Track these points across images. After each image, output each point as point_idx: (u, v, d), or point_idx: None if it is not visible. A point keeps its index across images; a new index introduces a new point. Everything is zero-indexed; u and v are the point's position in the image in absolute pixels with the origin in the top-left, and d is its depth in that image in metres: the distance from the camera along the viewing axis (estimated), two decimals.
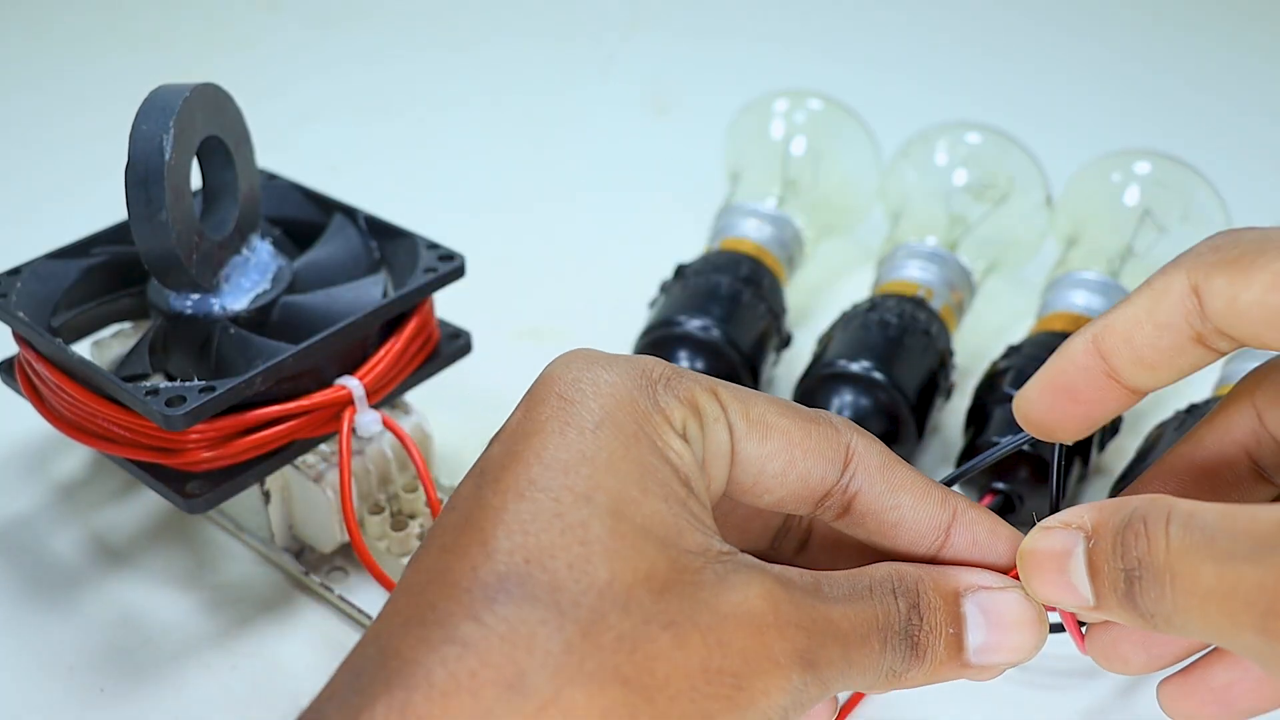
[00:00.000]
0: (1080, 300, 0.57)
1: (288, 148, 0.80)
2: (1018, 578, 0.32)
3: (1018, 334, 0.63)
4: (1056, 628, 0.37)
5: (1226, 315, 0.28)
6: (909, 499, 0.32)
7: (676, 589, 0.28)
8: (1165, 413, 0.54)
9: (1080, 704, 0.45)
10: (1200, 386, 0.58)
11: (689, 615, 0.28)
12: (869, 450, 0.33)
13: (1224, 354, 0.30)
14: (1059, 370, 0.31)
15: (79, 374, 0.45)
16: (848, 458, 0.32)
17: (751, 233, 0.61)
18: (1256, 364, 0.39)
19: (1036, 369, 0.51)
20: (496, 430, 0.31)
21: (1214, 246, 0.29)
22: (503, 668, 0.26)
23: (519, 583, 0.27)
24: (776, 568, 0.30)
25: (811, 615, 0.29)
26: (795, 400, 0.54)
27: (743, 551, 0.30)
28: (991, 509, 0.48)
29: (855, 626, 0.30)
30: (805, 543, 0.36)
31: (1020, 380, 0.51)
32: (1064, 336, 0.53)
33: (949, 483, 0.34)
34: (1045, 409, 0.32)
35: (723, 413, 0.31)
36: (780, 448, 0.32)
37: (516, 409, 0.31)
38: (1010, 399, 0.51)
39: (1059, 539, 0.30)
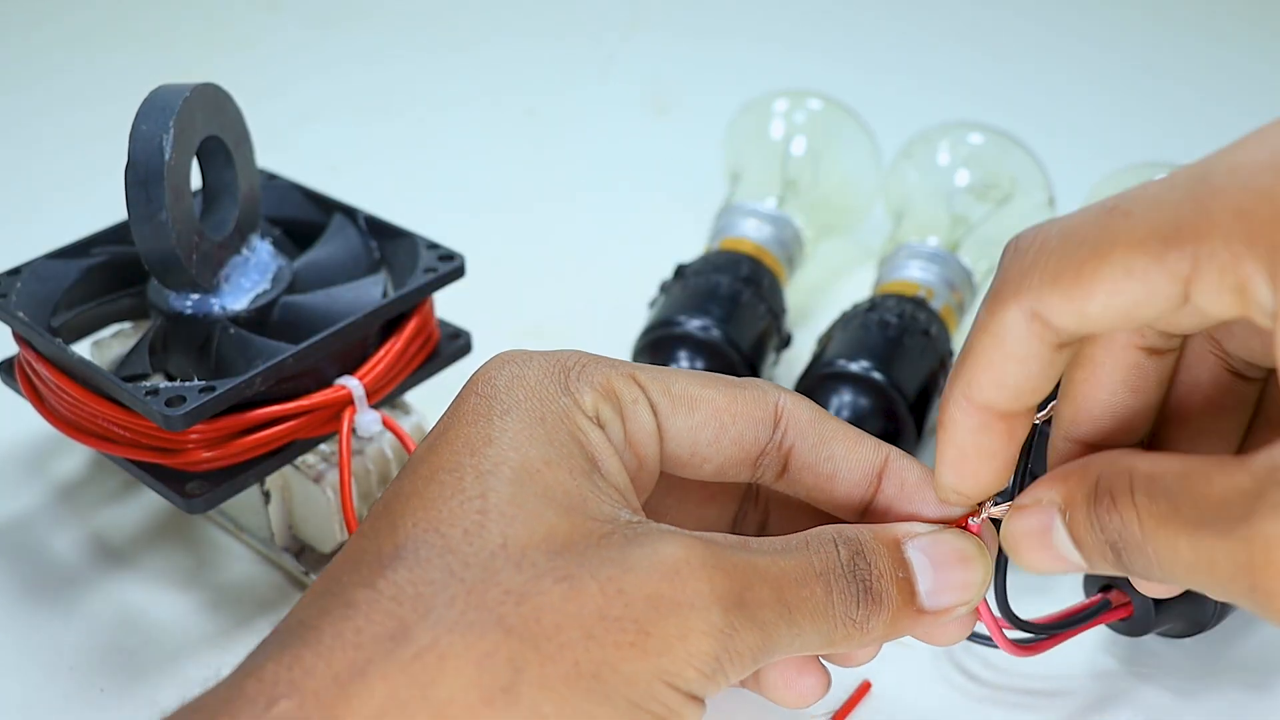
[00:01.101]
0: None
1: (288, 148, 0.79)
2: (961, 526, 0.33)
3: None
4: (982, 639, 0.38)
5: (1082, 325, 0.28)
6: (841, 448, 0.34)
7: (578, 548, 0.28)
8: None
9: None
10: None
11: (588, 569, 0.28)
12: (798, 407, 0.34)
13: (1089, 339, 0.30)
14: (956, 445, 0.31)
15: (79, 374, 0.45)
16: (777, 416, 0.33)
17: (751, 233, 0.61)
18: None
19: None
20: None
21: (1024, 268, 0.28)
22: (386, 623, 0.27)
23: (413, 549, 0.28)
24: (698, 532, 0.30)
25: (733, 560, 0.29)
26: None
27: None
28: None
29: (786, 571, 0.30)
30: (764, 525, 0.37)
31: None
32: None
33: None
34: (972, 482, 0.31)
35: (642, 393, 0.32)
36: (708, 416, 0.33)
37: (444, 413, 0.33)
38: None
39: (1034, 518, 0.30)
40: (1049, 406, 0.34)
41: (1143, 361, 0.31)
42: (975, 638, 0.44)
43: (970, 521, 0.33)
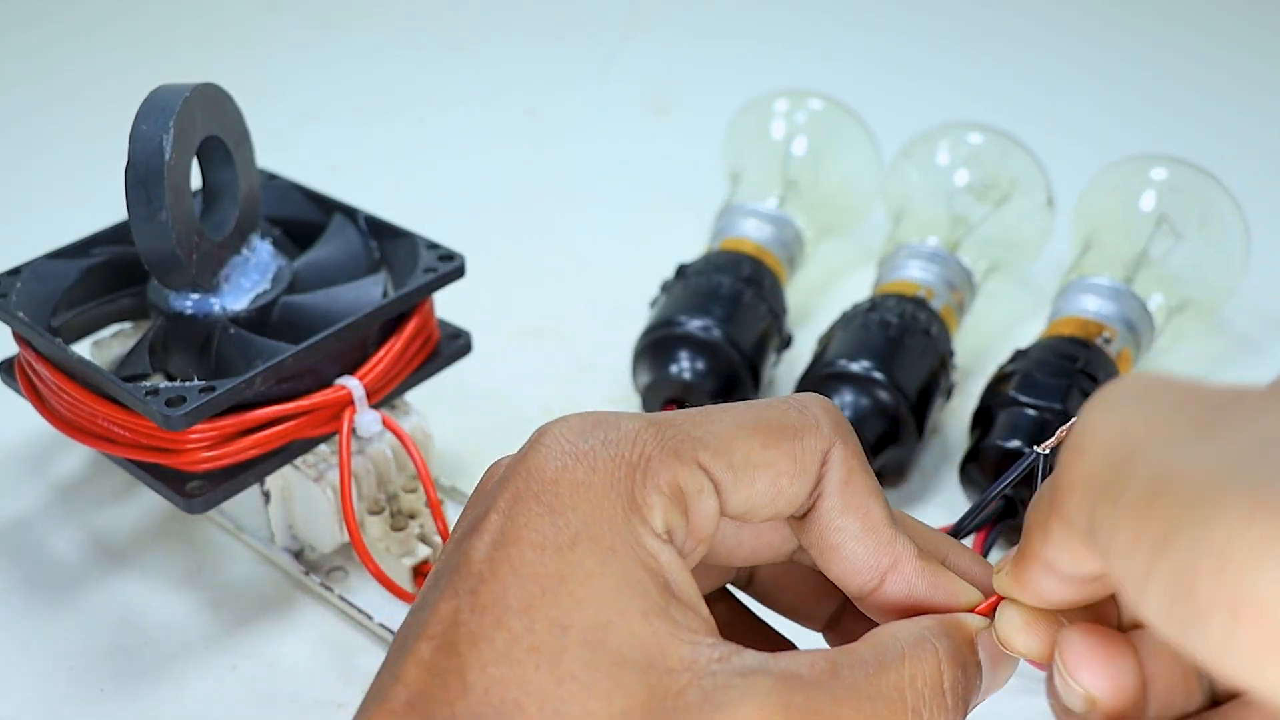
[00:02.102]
0: (1092, 305, 0.56)
1: (288, 148, 0.80)
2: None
3: (1019, 334, 0.63)
4: None
5: (1075, 572, 0.28)
6: (856, 525, 0.32)
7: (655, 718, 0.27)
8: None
9: None
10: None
11: None
12: (841, 463, 0.32)
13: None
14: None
15: (79, 374, 0.45)
16: (821, 473, 0.32)
17: (752, 233, 0.61)
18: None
19: (1043, 374, 0.52)
20: (478, 498, 0.31)
21: (1025, 529, 0.28)
22: None
23: None
24: (783, 662, 0.28)
25: None
26: None
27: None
28: (994, 514, 0.49)
29: (875, 718, 0.28)
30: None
31: (1026, 384, 0.51)
32: (1073, 341, 0.54)
33: (956, 533, 0.34)
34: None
35: (707, 479, 0.31)
36: (768, 483, 0.31)
37: (499, 495, 0.30)
38: (1016, 402, 0.51)
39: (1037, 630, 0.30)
40: (1057, 435, 0.34)
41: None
42: None
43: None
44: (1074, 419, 0.37)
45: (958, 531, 0.34)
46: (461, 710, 0.27)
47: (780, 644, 0.36)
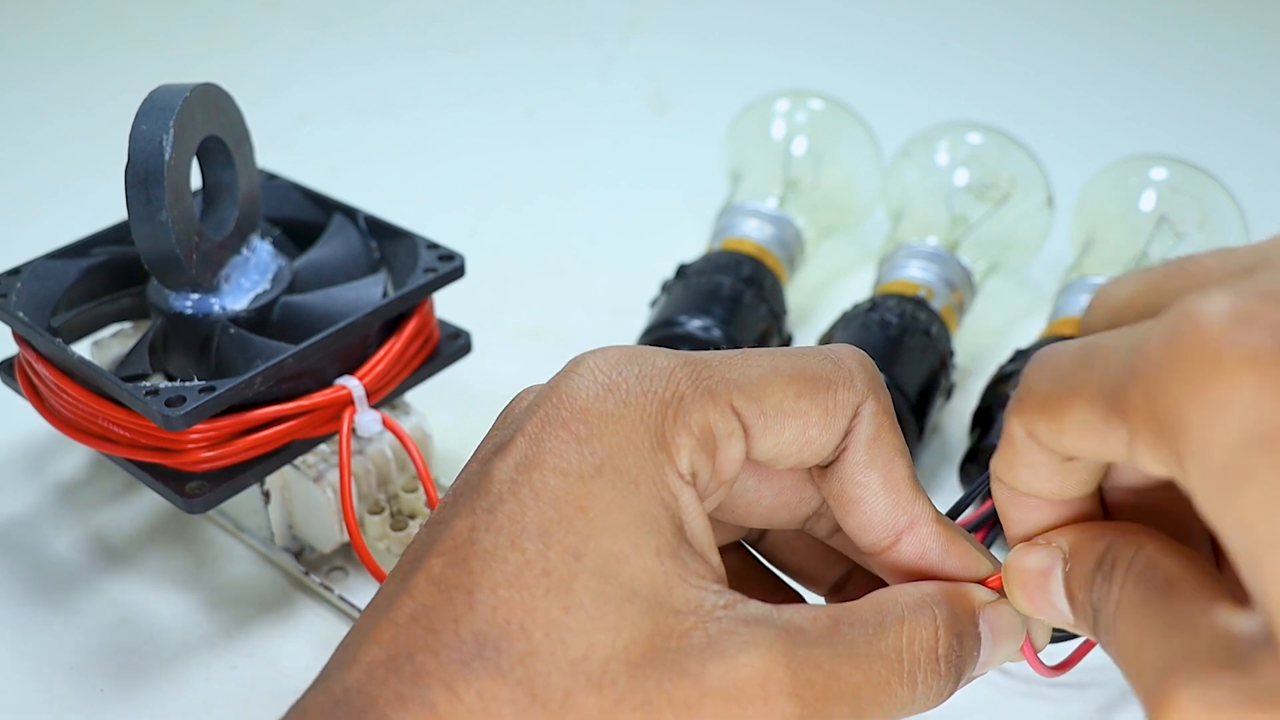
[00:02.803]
0: None
1: (288, 148, 0.80)
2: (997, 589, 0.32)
3: (1019, 334, 0.63)
4: None
5: (1067, 450, 0.28)
6: (877, 481, 0.32)
7: (657, 659, 0.27)
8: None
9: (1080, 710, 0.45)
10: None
11: (666, 691, 0.27)
12: (871, 419, 0.32)
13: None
14: (1008, 512, 0.31)
15: (79, 374, 0.45)
16: (852, 422, 0.32)
17: (753, 233, 0.61)
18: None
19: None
20: (505, 420, 0.31)
21: (1029, 386, 0.28)
22: None
23: (495, 649, 0.27)
24: (786, 614, 0.29)
25: (812, 678, 0.28)
26: None
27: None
28: (991, 514, 0.49)
29: (870, 677, 0.29)
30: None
31: None
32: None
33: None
34: (1036, 517, 0.31)
35: (738, 423, 0.31)
36: (797, 432, 0.31)
37: (528, 419, 0.30)
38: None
39: (1040, 557, 0.30)
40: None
41: (1061, 464, 0.30)
42: None
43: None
44: None
45: (951, 518, 0.34)
46: (466, 628, 0.27)
47: (788, 596, 0.36)
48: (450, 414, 0.55)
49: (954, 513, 0.35)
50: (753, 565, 0.37)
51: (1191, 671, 0.24)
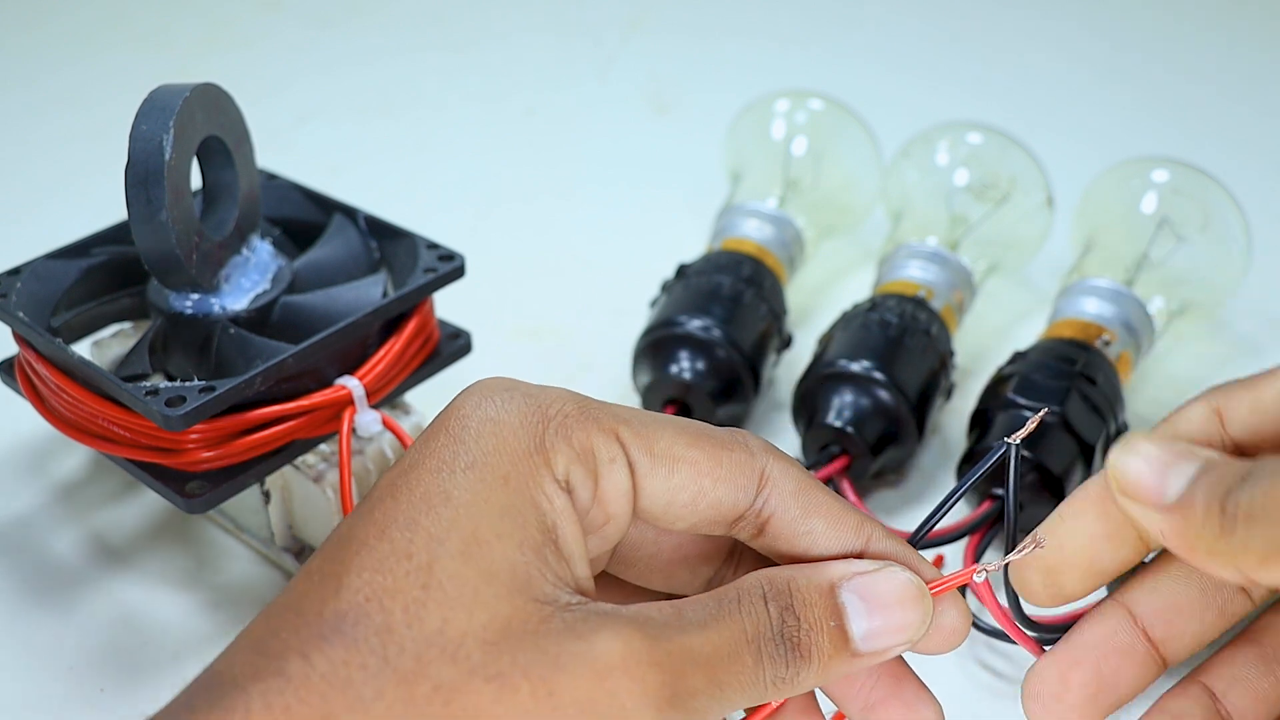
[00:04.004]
0: (1092, 308, 0.56)
1: (288, 148, 0.80)
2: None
3: (1018, 334, 0.63)
4: (996, 633, 0.37)
5: (1252, 418, 0.31)
6: (822, 524, 0.33)
7: (513, 639, 0.28)
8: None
9: None
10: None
11: (521, 665, 0.28)
12: (785, 475, 0.33)
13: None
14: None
15: (79, 374, 0.45)
16: (761, 482, 0.32)
17: (753, 233, 0.61)
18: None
19: (1042, 376, 0.52)
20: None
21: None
22: (316, 708, 0.27)
23: (353, 622, 0.28)
24: (633, 609, 0.30)
25: (668, 649, 0.29)
26: (795, 400, 0.54)
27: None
28: (990, 515, 0.49)
29: (719, 647, 0.29)
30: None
31: (1025, 387, 0.51)
32: (1072, 343, 0.54)
33: (935, 517, 0.34)
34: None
35: (622, 452, 0.32)
36: (688, 479, 0.32)
37: (420, 436, 0.32)
38: (1014, 405, 0.51)
39: (1176, 450, 0.29)
40: (1027, 425, 0.34)
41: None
42: (996, 634, 0.45)
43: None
44: (1043, 409, 0.37)
45: (933, 517, 0.34)
46: (330, 609, 0.28)
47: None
48: None
49: (934, 515, 0.34)
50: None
51: None
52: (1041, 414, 0.35)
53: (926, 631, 0.32)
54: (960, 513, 0.50)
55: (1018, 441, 0.33)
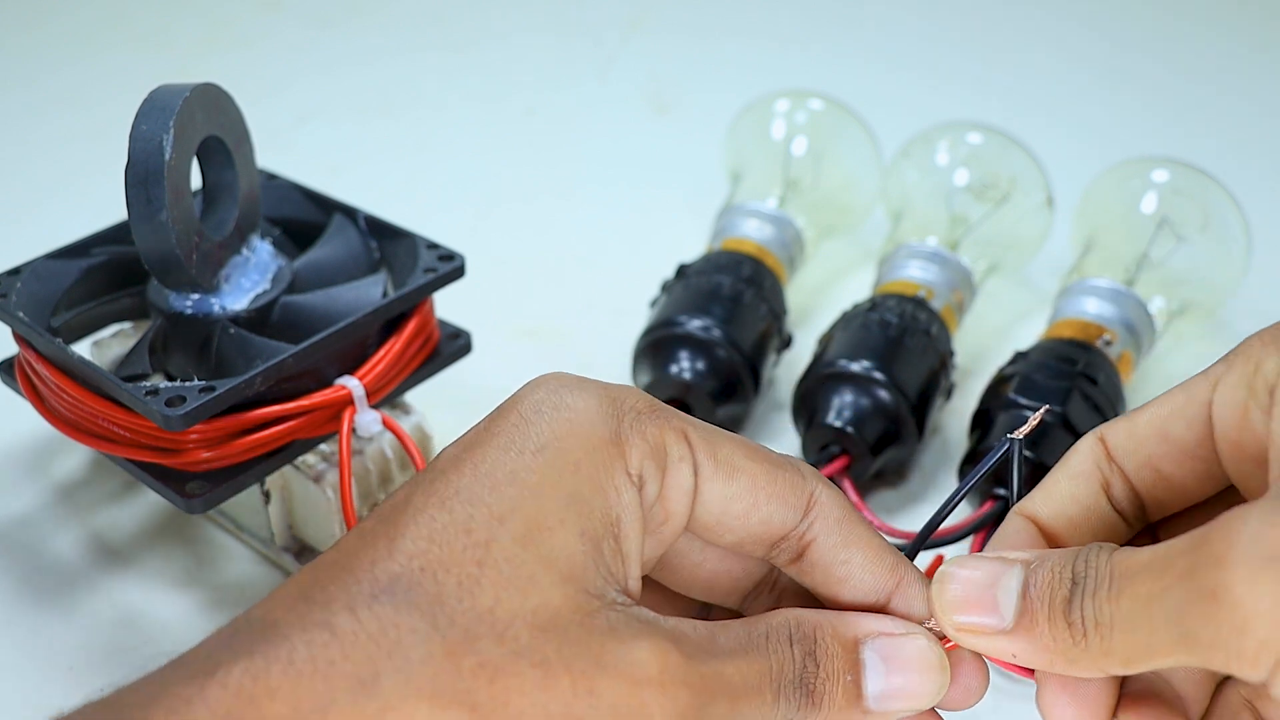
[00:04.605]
0: (1092, 308, 0.56)
1: (288, 148, 0.80)
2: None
3: (1018, 334, 0.63)
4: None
5: (1127, 442, 0.32)
6: (860, 557, 0.33)
7: (561, 629, 0.28)
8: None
9: None
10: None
11: (565, 658, 0.28)
12: (831, 502, 0.33)
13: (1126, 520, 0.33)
14: (998, 540, 0.33)
15: (79, 374, 0.45)
16: (809, 505, 0.33)
17: (753, 233, 0.61)
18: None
19: (1043, 376, 0.52)
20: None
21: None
22: (361, 664, 0.27)
23: (406, 588, 0.28)
24: (671, 622, 0.30)
25: (701, 672, 0.29)
26: (796, 400, 0.54)
27: (706, 608, 0.31)
28: (993, 514, 0.49)
29: (746, 678, 0.30)
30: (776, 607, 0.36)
31: (1026, 387, 0.51)
32: (1073, 344, 0.54)
33: (940, 516, 0.34)
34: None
35: (689, 452, 0.32)
36: (745, 489, 0.32)
37: (487, 416, 0.32)
38: (1015, 405, 0.51)
39: (991, 566, 0.31)
40: (1030, 422, 0.34)
41: (1098, 488, 0.33)
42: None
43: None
44: (1043, 407, 0.38)
45: (939, 517, 0.34)
46: (381, 569, 0.28)
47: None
48: (450, 414, 0.54)
49: (941, 514, 0.34)
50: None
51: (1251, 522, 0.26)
52: (1043, 410, 0.35)
53: (940, 698, 0.32)
54: (963, 512, 0.50)
55: (1020, 438, 0.33)
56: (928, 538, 0.35)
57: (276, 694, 0.26)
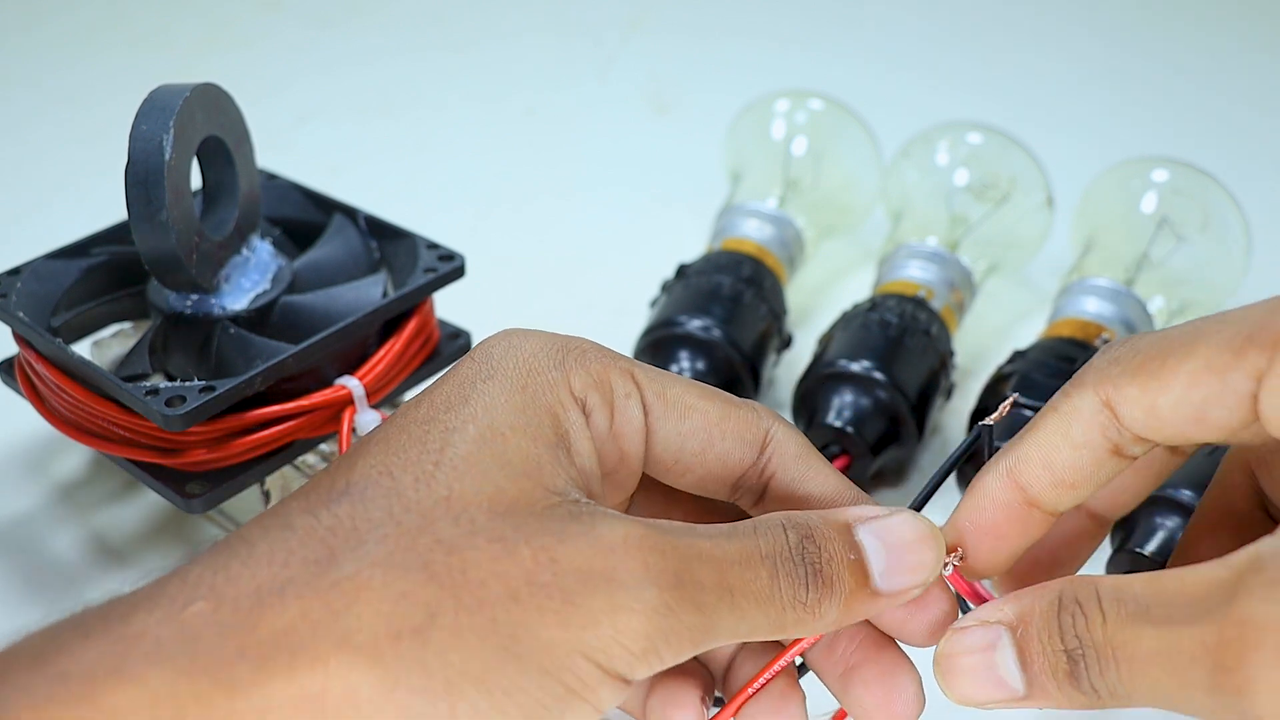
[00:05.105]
0: (1092, 307, 0.56)
1: (288, 148, 0.80)
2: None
3: (1018, 334, 0.63)
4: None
5: (1148, 422, 0.29)
6: (819, 489, 0.33)
7: (519, 514, 0.29)
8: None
9: None
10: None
11: (524, 532, 0.28)
12: (788, 438, 0.34)
13: (1136, 458, 0.31)
14: (977, 509, 0.32)
15: (79, 374, 0.45)
16: (765, 441, 0.33)
17: (753, 233, 0.61)
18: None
19: (1041, 375, 0.52)
20: None
21: (1113, 359, 0.30)
22: (316, 549, 0.28)
23: (361, 487, 0.29)
24: (645, 519, 0.30)
25: (673, 542, 0.29)
26: (795, 402, 0.54)
27: None
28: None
29: (730, 553, 0.29)
30: None
31: (1024, 385, 0.51)
32: (1072, 342, 0.54)
33: (919, 505, 0.34)
34: (973, 552, 0.32)
35: (636, 390, 0.33)
36: (699, 426, 0.33)
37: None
38: (1014, 404, 0.51)
39: (979, 635, 0.30)
40: (999, 410, 0.34)
41: (1106, 455, 0.31)
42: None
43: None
44: (1015, 394, 0.38)
45: (916, 507, 0.34)
46: (340, 480, 0.29)
47: None
48: None
49: (919, 506, 0.34)
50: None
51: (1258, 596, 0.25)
52: (1011, 399, 0.35)
53: (936, 573, 0.32)
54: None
55: (991, 424, 0.34)
56: (928, 498, 0.35)
57: (235, 580, 0.27)
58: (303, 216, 0.54)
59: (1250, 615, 0.25)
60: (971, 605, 0.34)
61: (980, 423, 0.34)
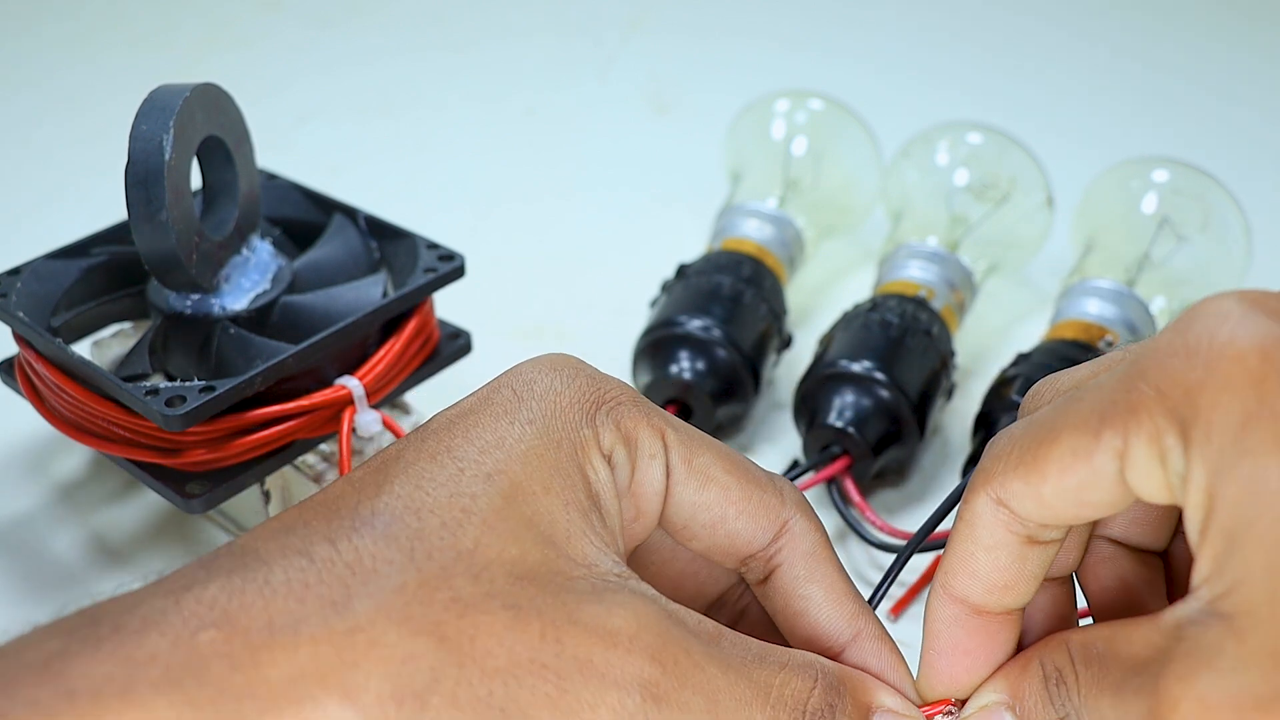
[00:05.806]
0: (1094, 309, 0.56)
1: (288, 148, 0.80)
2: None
3: (1019, 334, 0.63)
4: None
5: (1041, 512, 0.29)
6: (821, 595, 0.33)
7: (538, 582, 0.28)
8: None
9: None
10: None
11: (538, 606, 0.28)
12: (805, 533, 0.33)
13: (1058, 541, 0.31)
14: (934, 638, 0.32)
15: (79, 374, 0.45)
16: (780, 531, 0.33)
17: (753, 233, 0.61)
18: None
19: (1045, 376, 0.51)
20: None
21: (995, 455, 0.30)
22: (334, 588, 0.27)
23: (386, 523, 0.28)
24: (676, 606, 0.29)
25: (679, 653, 0.28)
26: (797, 400, 0.54)
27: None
28: None
29: (733, 687, 0.29)
30: (738, 622, 0.36)
31: (1028, 389, 0.51)
32: (1075, 345, 0.54)
33: (937, 519, 0.34)
34: (947, 679, 0.32)
35: (663, 451, 0.32)
36: (715, 500, 0.32)
37: (479, 389, 0.32)
38: (1018, 407, 0.51)
39: (986, 718, 0.31)
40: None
41: (1021, 547, 0.31)
42: None
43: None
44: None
45: (935, 519, 0.34)
46: (365, 506, 0.29)
47: None
48: None
49: (929, 525, 0.34)
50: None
51: (1183, 673, 0.26)
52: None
53: None
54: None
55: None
56: (924, 539, 0.35)
57: (249, 610, 0.27)
58: (303, 216, 0.54)
59: (1169, 694, 0.26)
60: None
61: (971, 471, 0.33)
